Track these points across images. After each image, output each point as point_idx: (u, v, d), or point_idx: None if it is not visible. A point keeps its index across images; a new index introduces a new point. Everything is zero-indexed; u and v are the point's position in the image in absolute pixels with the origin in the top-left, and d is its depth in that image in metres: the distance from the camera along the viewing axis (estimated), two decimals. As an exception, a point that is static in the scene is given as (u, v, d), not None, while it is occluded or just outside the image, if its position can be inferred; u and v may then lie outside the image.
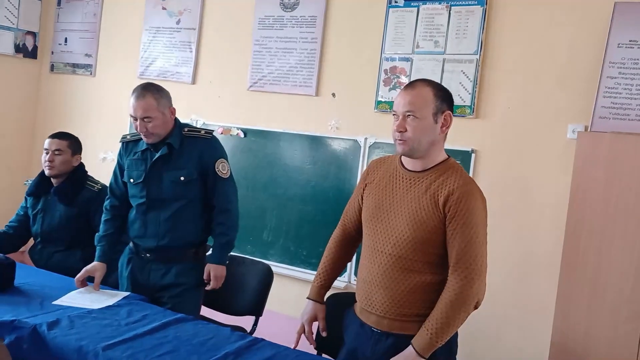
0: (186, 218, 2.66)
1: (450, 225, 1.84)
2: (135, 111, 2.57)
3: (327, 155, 3.89)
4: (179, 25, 4.48)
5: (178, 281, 2.66)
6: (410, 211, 1.89)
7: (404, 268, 1.89)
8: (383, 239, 1.94)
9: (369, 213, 2.01)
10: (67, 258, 2.94)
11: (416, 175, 1.94)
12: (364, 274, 2.01)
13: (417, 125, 1.87)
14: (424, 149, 1.90)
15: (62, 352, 1.94)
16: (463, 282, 1.82)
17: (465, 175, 1.92)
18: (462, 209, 1.83)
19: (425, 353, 1.82)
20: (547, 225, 3.16)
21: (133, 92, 2.61)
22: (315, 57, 3.93)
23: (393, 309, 1.91)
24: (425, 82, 1.95)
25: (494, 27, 3.36)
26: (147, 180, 2.65)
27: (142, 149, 2.70)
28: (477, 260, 1.83)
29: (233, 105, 4.27)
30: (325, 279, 2.20)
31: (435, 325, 1.81)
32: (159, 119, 2.58)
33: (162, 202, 2.64)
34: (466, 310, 1.84)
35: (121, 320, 2.18)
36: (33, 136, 5.24)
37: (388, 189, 1.98)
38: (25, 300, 2.31)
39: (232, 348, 2.00)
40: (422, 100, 1.88)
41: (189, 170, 2.63)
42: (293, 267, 3.96)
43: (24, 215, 3.09)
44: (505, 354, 3.28)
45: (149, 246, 2.66)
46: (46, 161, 2.98)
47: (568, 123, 3.14)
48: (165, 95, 2.64)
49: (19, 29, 5.05)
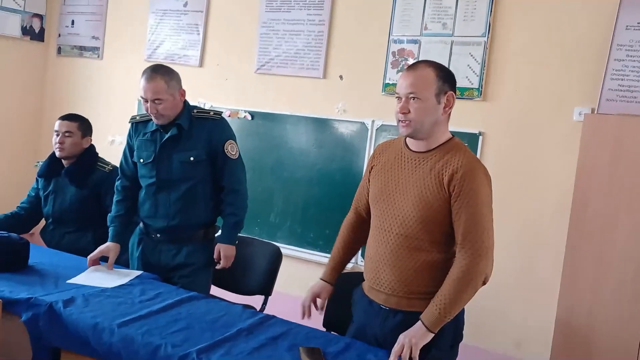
0: (196, 198, 2.69)
1: (456, 203, 1.87)
2: (146, 93, 2.59)
3: (334, 138, 3.91)
4: (186, 7, 4.48)
5: (188, 261, 2.70)
6: (416, 191, 1.92)
7: (411, 247, 1.93)
8: (390, 219, 1.97)
9: (376, 194, 2.04)
10: (78, 239, 2.98)
11: (421, 155, 1.96)
12: (371, 253, 2.04)
13: (420, 107, 1.89)
14: (427, 129, 1.92)
15: (78, 328, 1.98)
16: (470, 259, 1.85)
17: (470, 154, 1.94)
18: (466, 187, 1.85)
19: (434, 328, 1.85)
20: (553, 205, 3.19)
21: (143, 73, 2.62)
22: (323, 39, 3.94)
23: (401, 287, 1.95)
24: (427, 63, 1.96)
25: (501, 9, 3.36)
26: (157, 161, 2.68)
27: (151, 129, 2.72)
28: (484, 238, 1.86)
29: (240, 88, 4.28)
30: (337, 262, 2.23)
31: (444, 300, 1.84)
32: (169, 100, 2.61)
33: (172, 182, 2.67)
34: (474, 286, 1.87)
35: (135, 298, 2.22)
36: (40, 119, 5.27)
37: (394, 170, 2.01)
38: (39, 280, 2.35)
39: (245, 324, 2.04)
40: (425, 82, 1.89)
41: (198, 151, 2.66)
42: (300, 249, 4.00)
43: (35, 196, 3.12)
44: (511, 330, 3.33)
45: (159, 226, 2.70)
46: (56, 143, 3.00)
47: (575, 105, 3.16)
48: (175, 77, 2.66)
49: (25, 12, 5.06)
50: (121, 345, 1.89)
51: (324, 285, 2.21)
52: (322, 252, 3.89)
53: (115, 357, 1.90)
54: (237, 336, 1.95)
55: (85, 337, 1.96)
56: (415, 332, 1.85)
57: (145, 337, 1.88)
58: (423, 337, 1.84)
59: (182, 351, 1.81)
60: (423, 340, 1.84)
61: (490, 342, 3.36)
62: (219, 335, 1.93)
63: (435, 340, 1.88)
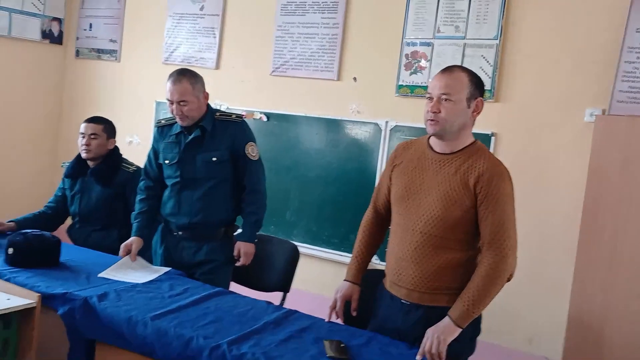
0: (217, 197, 2.80)
1: (482, 205, 1.95)
2: (172, 95, 2.70)
3: (348, 139, 3.99)
4: (203, 11, 4.58)
5: (209, 258, 2.80)
6: (440, 192, 2.00)
7: (435, 245, 2.01)
8: (414, 218, 2.04)
9: (399, 193, 2.12)
10: (104, 237, 3.08)
11: (445, 157, 2.04)
12: (394, 250, 2.12)
13: (452, 108, 1.97)
14: (455, 131, 2.01)
15: (112, 321, 2.08)
16: (497, 257, 1.94)
17: (493, 157, 2.03)
18: (493, 190, 1.94)
19: (462, 323, 1.93)
20: (564, 205, 3.26)
21: (170, 77, 2.74)
22: (337, 42, 4.02)
23: (423, 283, 2.03)
24: (462, 68, 2.05)
25: (513, 12, 3.44)
26: (181, 161, 2.80)
27: (176, 132, 2.83)
28: (510, 237, 1.96)
29: (256, 90, 4.37)
30: (361, 261, 2.29)
31: (472, 297, 1.93)
32: (194, 102, 2.72)
33: (195, 181, 2.78)
34: (500, 283, 1.96)
35: (164, 293, 2.32)
36: (59, 120, 5.39)
37: (417, 170, 2.08)
38: (72, 275, 2.45)
39: (271, 318, 2.13)
40: (459, 84, 1.98)
41: (221, 151, 2.77)
42: (315, 247, 4.09)
43: (62, 196, 3.23)
44: (523, 327, 3.40)
45: (182, 223, 2.80)
46: (83, 145, 3.10)
47: (586, 107, 3.22)
48: (199, 81, 2.78)
49: (45, 15, 5.18)
50: (155, 337, 1.98)
51: (353, 287, 2.26)
52: (337, 250, 3.98)
53: (149, 349, 2.00)
54: (264, 329, 2.04)
55: (120, 329, 2.05)
56: (443, 328, 1.92)
57: (178, 329, 1.98)
58: (451, 333, 1.92)
59: (213, 342, 1.90)
60: (451, 336, 1.92)
61: (503, 338, 3.43)
62: (247, 328, 2.02)
63: None
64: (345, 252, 3.91)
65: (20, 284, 2.28)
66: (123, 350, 2.07)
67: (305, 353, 1.89)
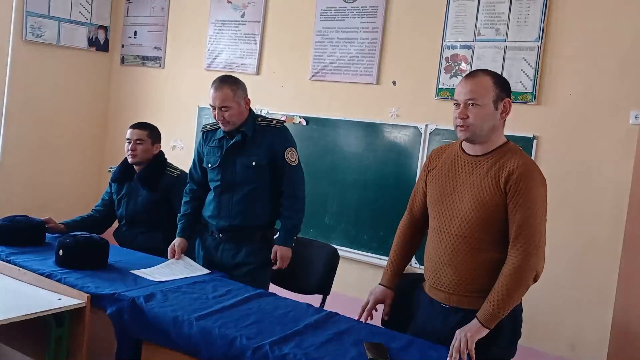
0: (255, 201, 2.86)
1: (511, 203, 1.95)
2: (214, 100, 2.78)
3: (387, 142, 4.01)
4: (244, 18, 4.66)
5: (247, 260, 2.86)
6: (473, 193, 2.01)
7: (470, 247, 2.02)
8: (449, 221, 2.06)
9: (434, 197, 2.14)
10: (150, 239, 3.17)
11: (477, 159, 2.05)
12: (431, 253, 2.14)
13: (479, 112, 1.99)
14: (485, 134, 2.02)
15: (159, 321, 2.15)
16: (521, 256, 1.93)
17: (525, 156, 2.03)
18: (521, 187, 1.94)
19: (489, 324, 1.94)
20: (609, 209, 3.21)
21: (212, 83, 2.83)
22: (376, 46, 4.04)
23: (461, 286, 2.03)
24: (485, 72, 2.07)
25: (555, 14, 3.40)
26: (222, 165, 2.88)
27: (219, 137, 2.92)
28: (535, 235, 1.94)
29: (295, 95, 4.43)
30: (396, 266, 2.31)
31: (497, 297, 1.93)
32: (235, 108, 2.79)
33: (235, 185, 2.85)
34: (525, 283, 1.95)
35: (208, 294, 2.38)
36: (105, 125, 5.56)
37: (451, 173, 2.10)
38: (120, 277, 2.54)
39: (311, 320, 2.17)
40: (483, 89, 2.00)
41: (259, 156, 2.83)
42: (354, 250, 4.11)
43: (109, 199, 3.34)
44: (566, 333, 3.35)
45: (221, 226, 2.87)
46: (129, 150, 3.20)
47: (630, 109, 3.17)
48: (241, 87, 2.85)
49: (91, 24, 5.35)
50: (200, 337, 2.04)
51: (386, 291, 2.28)
52: (376, 253, 4.00)
53: (194, 348, 2.05)
54: (305, 330, 2.07)
55: (166, 329, 2.12)
56: (470, 327, 1.94)
57: (222, 329, 2.03)
58: (478, 332, 1.93)
59: (256, 343, 1.94)
60: (478, 334, 1.93)
61: (545, 343, 3.39)
62: (288, 329, 2.06)
63: (494, 338, 1.96)
64: (384, 255, 3.91)
65: (71, 285, 2.38)
66: (169, 349, 2.14)
67: (346, 355, 1.92)
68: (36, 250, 2.82)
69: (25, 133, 5.04)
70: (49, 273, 2.48)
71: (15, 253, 2.73)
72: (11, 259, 2.65)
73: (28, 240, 2.90)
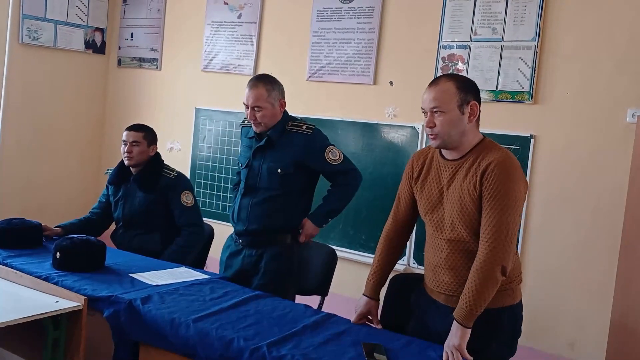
0: (276, 207, 2.73)
1: (484, 196, 1.94)
2: (248, 99, 2.70)
3: (384, 143, 4.00)
4: (240, 19, 4.66)
5: (269, 268, 2.74)
6: (457, 199, 2.01)
7: (464, 250, 2.03)
8: (440, 227, 2.07)
9: (425, 205, 2.14)
10: (147, 241, 3.16)
11: (456, 163, 2.05)
12: (429, 258, 2.15)
13: (444, 120, 1.97)
14: (456, 140, 2.01)
15: (156, 323, 2.14)
16: (487, 250, 1.92)
17: (502, 151, 2.00)
18: (494, 180, 1.92)
19: (467, 323, 1.92)
20: (606, 207, 3.21)
21: (249, 81, 2.75)
22: (373, 46, 4.04)
23: (460, 288, 2.03)
24: (448, 77, 2.05)
25: (551, 13, 3.40)
26: (250, 167, 2.79)
27: (250, 135, 2.83)
28: (502, 230, 1.92)
29: (293, 95, 4.35)
30: (379, 276, 2.29)
31: (469, 295, 1.93)
32: (268, 109, 2.70)
33: (257, 189, 2.75)
34: (493, 277, 1.92)
35: (205, 296, 2.37)
36: (102, 127, 5.55)
37: (435, 180, 2.10)
38: (117, 279, 2.52)
39: (309, 321, 2.16)
40: (446, 95, 1.97)
41: (284, 164, 2.70)
42: (352, 251, 4.10)
43: (106, 202, 3.33)
44: (565, 331, 3.35)
45: (239, 230, 2.79)
46: (125, 152, 3.19)
47: (627, 107, 3.17)
48: (277, 88, 2.76)
49: (88, 26, 5.34)
50: (197, 339, 2.03)
51: (370, 302, 2.26)
52: (374, 253, 3.97)
53: (191, 350, 2.04)
54: (303, 331, 2.07)
55: (163, 331, 2.11)
56: (453, 336, 1.93)
57: (219, 331, 2.02)
58: (462, 337, 1.92)
59: (253, 344, 1.93)
60: (463, 339, 1.92)
61: (544, 342, 3.39)
62: (286, 331, 2.05)
63: (494, 335, 1.96)
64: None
65: (68, 287, 2.36)
66: (166, 351, 2.13)
67: (344, 356, 1.91)
68: (33, 253, 2.81)
69: (23, 136, 5.03)
70: (46, 276, 2.47)
71: (12, 256, 2.73)
72: (8, 261, 2.65)
73: (25, 243, 2.89)
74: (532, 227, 3.42)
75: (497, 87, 3.54)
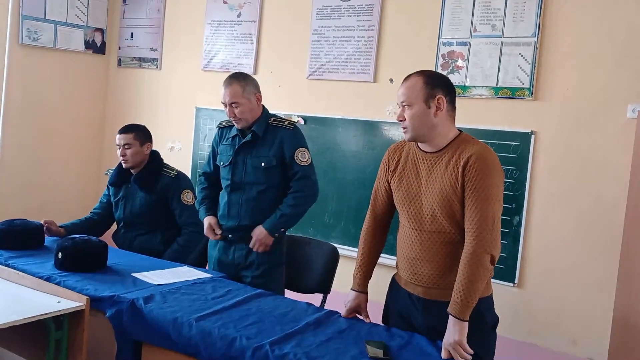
0: (265, 201, 2.83)
1: (466, 188, 1.98)
2: (224, 97, 2.80)
3: (385, 140, 4.00)
4: (240, 18, 4.65)
5: (260, 261, 2.85)
6: (438, 190, 2.04)
7: (444, 241, 2.05)
8: (421, 219, 2.09)
9: (402, 198, 2.16)
10: (148, 240, 3.17)
11: (434, 155, 2.08)
12: (406, 251, 2.15)
13: (411, 113, 2.04)
14: (424, 133, 2.06)
15: (158, 323, 2.14)
16: (474, 240, 1.95)
17: (480, 144, 2.05)
18: (475, 172, 1.97)
19: (464, 316, 1.94)
20: (607, 203, 3.20)
21: (224, 81, 2.84)
22: (373, 44, 4.04)
23: (439, 280, 2.06)
24: (418, 73, 2.11)
25: (551, 9, 3.39)
26: (233, 164, 2.87)
27: (232, 135, 2.92)
28: (488, 219, 1.95)
29: (293, 94, 4.42)
30: (365, 270, 2.32)
31: (462, 287, 1.94)
32: (246, 104, 2.80)
33: (244, 185, 2.84)
34: (482, 266, 1.95)
35: (207, 295, 2.38)
36: (103, 128, 5.55)
37: (413, 172, 2.13)
38: (119, 279, 2.53)
39: (311, 319, 2.16)
40: (412, 90, 2.04)
41: (269, 157, 2.82)
42: (354, 249, 4.08)
43: (107, 202, 3.33)
44: (567, 328, 3.34)
45: (230, 226, 2.86)
46: (120, 156, 3.20)
47: (628, 102, 3.16)
48: (250, 83, 2.84)
49: (88, 27, 5.34)
50: (199, 338, 2.03)
51: (360, 296, 2.28)
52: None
53: (194, 349, 2.05)
54: (306, 330, 2.07)
55: (166, 331, 2.11)
56: (451, 332, 1.94)
57: (222, 330, 2.03)
58: (461, 331, 1.93)
59: (256, 343, 1.94)
60: (462, 333, 1.93)
61: (546, 339, 3.39)
62: (288, 329, 2.06)
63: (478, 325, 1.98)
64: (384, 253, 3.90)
65: (70, 287, 2.37)
66: (169, 351, 2.13)
67: (347, 353, 1.92)
68: (35, 254, 2.82)
69: (23, 136, 5.03)
70: (48, 276, 2.48)
71: (14, 256, 2.74)
72: (10, 262, 2.66)
73: (27, 244, 2.90)
74: (533, 224, 3.41)
75: (497, 84, 3.54)
